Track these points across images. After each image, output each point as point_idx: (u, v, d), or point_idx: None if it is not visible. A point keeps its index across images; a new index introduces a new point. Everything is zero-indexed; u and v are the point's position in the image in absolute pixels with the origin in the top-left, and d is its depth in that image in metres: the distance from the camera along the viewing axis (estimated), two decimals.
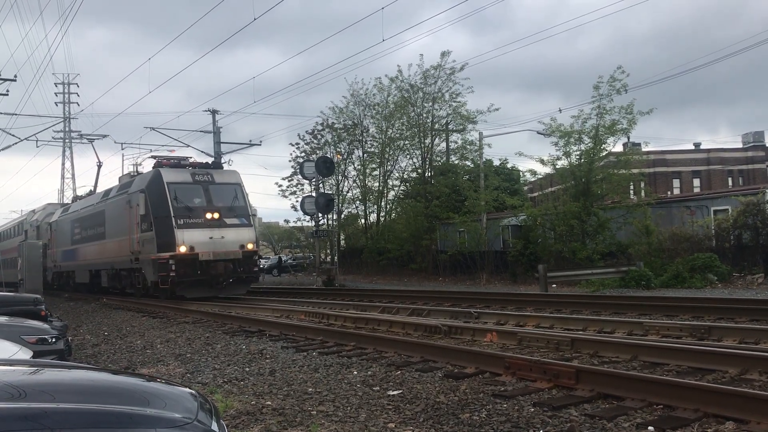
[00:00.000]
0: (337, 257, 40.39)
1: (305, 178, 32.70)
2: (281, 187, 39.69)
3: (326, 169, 30.47)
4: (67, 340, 9.11)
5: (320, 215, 32.20)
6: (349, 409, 6.29)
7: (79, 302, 24.62)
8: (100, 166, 33.37)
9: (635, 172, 29.52)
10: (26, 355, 5.77)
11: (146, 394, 2.97)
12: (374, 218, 39.89)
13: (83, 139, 35.65)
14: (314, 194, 31.14)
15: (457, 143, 34.73)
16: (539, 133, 28.03)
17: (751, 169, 55.26)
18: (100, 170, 33.83)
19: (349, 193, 40.25)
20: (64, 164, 59.19)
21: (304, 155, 38.18)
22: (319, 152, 37.22)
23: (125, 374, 4.92)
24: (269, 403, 6.65)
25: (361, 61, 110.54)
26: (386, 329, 12.17)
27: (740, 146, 57.93)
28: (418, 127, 34.69)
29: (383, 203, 39.65)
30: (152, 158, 24.77)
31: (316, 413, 6.17)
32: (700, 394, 5.70)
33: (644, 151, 32.62)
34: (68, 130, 55.95)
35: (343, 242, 42.66)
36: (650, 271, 20.82)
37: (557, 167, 27.07)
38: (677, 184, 53.93)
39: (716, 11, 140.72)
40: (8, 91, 24.67)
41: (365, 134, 38.63)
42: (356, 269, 37.94)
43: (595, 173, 25.55)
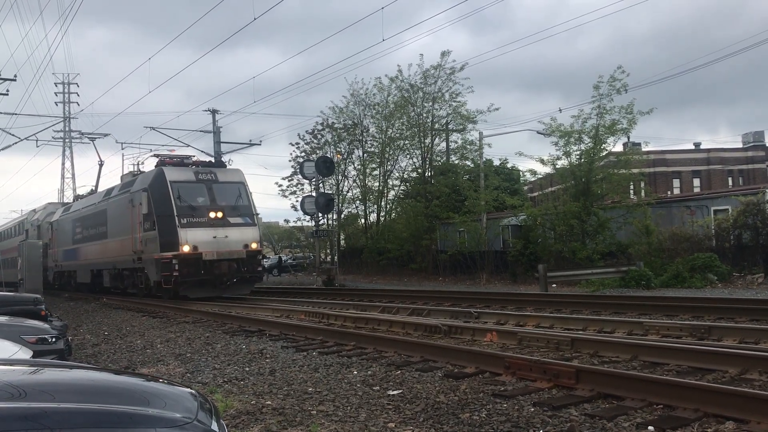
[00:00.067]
0: (337, 257, 40.40)
1: (305, 177, 32.71)
2: (281, 186, 39.75)
3: (326, 168, 30.47)
4: (67, 339, 9.11)
5: (320, 215, 32.21)
6: (349, 408, 6.30)
7: (79, 302, 24.61)
8: (101, 164, 33.28)
9: (635, 171, 29.52)
10: (26, 354, 5.77)
11: (146, 393, 2.97)
12: (374, 218, 39.92)
13: (85, 137, 35.57)
14: (314, 194, 31.15)
15: (457, 143, 34.77)
16: (539, 132, 28.05)
17: (751, 169, 55.26)
18: (101, 169, 33.81)
19: (349, 192, 40.31)
20: (64, 164, 59.28)
21: (304, 155, 38.20)
22: (319, 152, 37.24)
23: (125, 374, 4.92)
24: (269, 402, 6.65)
25: (361, 60, 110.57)
26: (386, 329, 12.17)
27: (740, 146, 57.94)
28: (418, 126, 34.69)
29: (383, 203, 39.68)
30: (155, 157, 24.62)
31: (316, 413, 6.17)
32: (700, 393, 5.70)
33: (644, 151, 32.61)
34: (68, 129, 56.02)
35: (343, 242, 42.65)
36: (650, 271, 20.82)
37: (557, 167, 27.08)
38: (677, 184, 53.94)
39: (716, 11, 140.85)
40: (8, 90, 24.66)
41: (365, 134, 38.67)
42: (356, 269, 37.93)
43: (595, 173, 25.55)
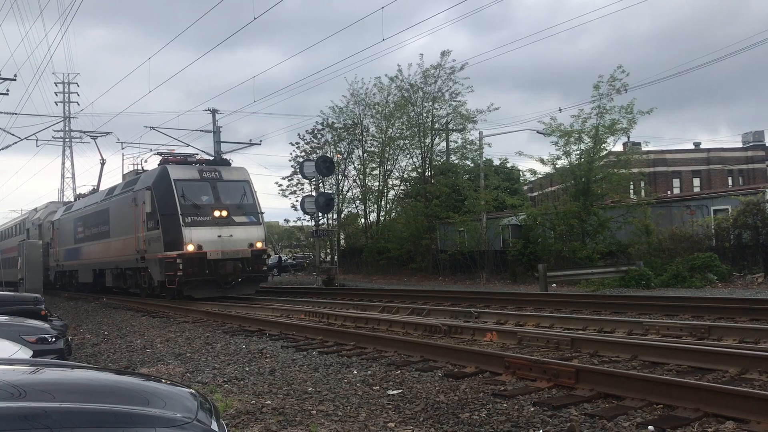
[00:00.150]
0: (337, 257, 40.39)
1: (305, 177, 32.71)
2: (281, 186, 39.74)
3: (326, 168, 30.45)
4: (67, 339, 9.11)
5: (320, 215, 32.21)
6: (349, 408, 6.30)
7: (79, 302, 24.60)
8: (103, 163, 33.21)
9: (635, 171, 29.55)
10: (26, 354, 5.78)
11: (146, 393, 2.97)
12: (374, 218, 39.90)
13: (86, 136, 35.43)
14: (314, 194, 31.15)
15: (457, 143, 34.73)
16: (539, 132, 28.01)
17: (751, 168, 55.27)
18: (103, 168, 33.76)
19: (349, 192, 40.29)
20: (63, 164, 59.20)
21: (304, 155, 38.19)
22: (319, 152, 37.22)
23: (125, 374, 4.92)
24: (269, 402, 6.66)
25: (361, 60, 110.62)
26: (386, 329, 12.17)
27: (740, 146, 57.95)
28: (418, 126, 34.67)
29: (383, 203, 39.66)
30: (158, 155, 24.45)
31: (316, 413, 6.17)
32: (700, 393, 5.70)
33: (644, 150, 32.62)
34: (68, 129, 56.01)
35: (343, 242, 42.63)
36: (650, 270, 20.81)
37: (557, 167, 27.07)
38: (677, 183, 53.95)
39: (716, 11, 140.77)
40: (8, 90, 24.61)
41: (365, 134, 38.65)
42: (356, 269, 37.93)
43: (595, 173, 25.54)
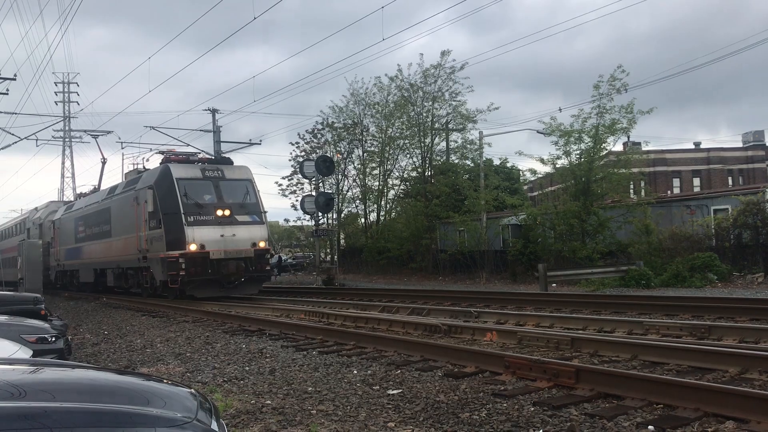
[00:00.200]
0: (337, 256, 40.39)
1: (305, 177, 32.73)
2: (281, 186, 39.78)
3: (326, 168, 30.44)
4: (66, 339, 9.10)
5: (320, 214, 32.20)
6: (348, 408, 6.29)
7: (79, 301, 24.60)
8: (104, 162, 32.93)
9: (635, 171, 29.54)
10: (26, 354, 5.77)
11: (146, 393, 2.97)
12: (374, 217, 39.92)
13: (87, 135, 35.30)
14: (314, 193, 31.14)
15: (457, 142, 34.76)
16: (539, 132, 28.01)
17: (751, 168, 55.26)
18: (104, 167, 33.68)
19: (349, 192, 40.31)
20: (63, 163, 59.21)
21: (304, 154, 38.21)
22: (319, 151, 37.23)
23: (125, 373, 4.92)
24: (269, 402, 6.65)
25: (361, 60, 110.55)
26: (386, 328, 12.18)
27: (740, 146, 57.95)
28: (418, 126, 34.69)
29: (383, 202, 39.68)
30: (160, 153, 24.35)
31: (315, 412, 6.16)
32: (700, 393, 5.70)
33: (644, 150, 32.64)
34: (68, 129, 56.02)
35: (343, 241, 42.64)
36: (650, 270, 20.81)
37: (557, 166, 27.08)
38: (677, 183, 53.95)
39: (716, 10, 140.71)
40: (8, 90, 24.55)
41: (365, 133, 38.67)
42: (356, 268, 37.93)
43: (595, 172, 25.54)
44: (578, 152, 25.93)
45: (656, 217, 24.91)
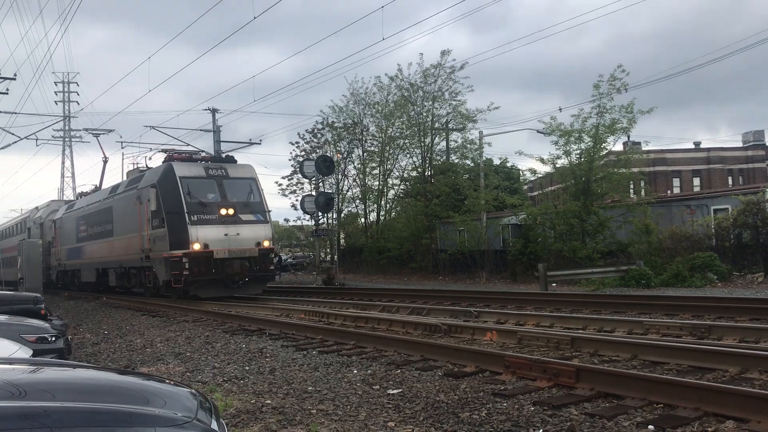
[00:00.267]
0: (337, 256, 40.39)
1: (305, 176, 32.73)
2: (281, 185, 39.77)
3: (326, 168, 30.44)
4: (66, 338, 9.10)
5: (320, 214, 32.19)
6: (349, 407, 6.29)
7: (79, 301, 24.60)
8: (105, 161, 32.77)
9: (635, 171, 29.52)
10: (26, 353, 5.77)
11: (146, 392, 2.97)
12: (374, 217, 39.94)
13: (89, 133, 35.14)
14: (314, 193, 31.14)
15: (457, 142, 34.77)
16: (539, 132, 28.00)
17: (751, 168, 55.27)
18: (105, 166, 33.59)
19: (349, 192, 40.32)
20: (63, 163, 59.25)
21: (304, 154, 38.21)
22: (319, 151, 37.23)
23: (125, 373, 4.92)
24: (269, 401, 6.65)
25: (361, 59, 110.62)
26: (386, 328, 12.18)
27: (740, 145, 57.96)
28: (418, 126, 34.70)
29: (383, 202, 39.70)
30: (163, 152, 24.22)
31: (316, 412, 6.16)
32: (700, 393, 5.70)
33: (644, 150, 32.65)
34: (68, 128, 56.06)
35: (343, 241, 42.66)
36: (650, 270, 20.81)
37: (557, 166, 27.07)
38: (677, 183, 53.96)
39: (716, 10, 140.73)
40: (8, 89, 24.54)
41: (365, 133, 38.68)
42: (356, 268, 37.94)
43: (595, 172, 25.54)
44: (578, 152, 25.95)
45: (656, 216, 24.91)
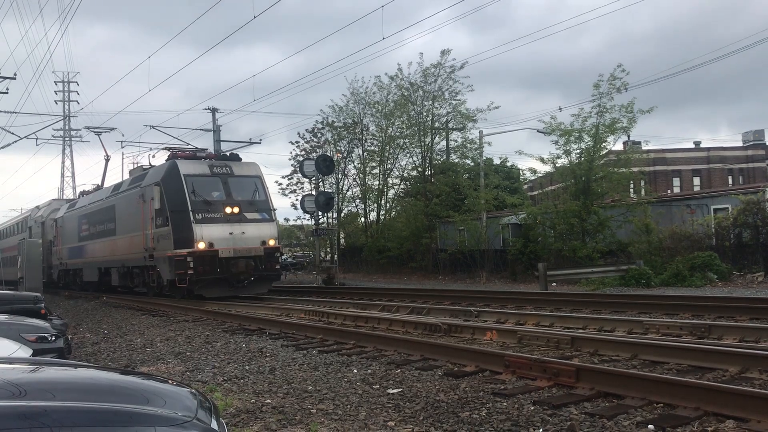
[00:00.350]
0: (337, 256, 40.38)
1: (305, 176, 32.72)
2: (281, 185, 39.68)
3: (326, 167, 30.44)
4: (67, 338, 9.11)
5: (320, 214, 32.19)
6: (349, 407, 6.30)
7: (79, 300, 24.60)
8: (107, 159, 32.50)
9: (635, 170, 29.53)
10: (26, 353, 5.78)
11: (146, 392, 2.97)
12: (374, 217, 39.94)
13: (91, 132, 35.00)
14: (314, 192, 31.14)
15: (457, 142, 34.77)
16: (539, 131, 28.01)
17: (751, 167, 55.27)
18: (107, 164, 33.48)
19: (349, 191, 40.31)
20: (63, 162, 59.24)
21: (304, 153, 38.19)
22: (319, 150, 37.21)
23: (125, 372, 4.92)
24: (269, 401, 6.65)
25: (361, 59, 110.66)
26: (386, 327, 12.18)
27: (740, 145, 57.95)
28: (418, 125, 34.70)
29: (383, 202, 39.70)
30: (166, 150, 24.07)
31: (315, 411, 6.16)
32: (700, 392, 5.70)
33: (644, 149, 32.64)
34: (68, 128, 56.06)
35: (343, 241, 42.66)
36: (650, 269, 20.82)
37: (557, 166, 27.08)
38: (677, 182, 53.97)
39: (717, 9, 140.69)
40: (8, 89, 24.53)
41: (365, 132, 38.67)
42: (356, 268, 37.96)
43: (595, 172, 25.55)
44: (578, 151, 25.96)
45: (656, 216, 24.93)
